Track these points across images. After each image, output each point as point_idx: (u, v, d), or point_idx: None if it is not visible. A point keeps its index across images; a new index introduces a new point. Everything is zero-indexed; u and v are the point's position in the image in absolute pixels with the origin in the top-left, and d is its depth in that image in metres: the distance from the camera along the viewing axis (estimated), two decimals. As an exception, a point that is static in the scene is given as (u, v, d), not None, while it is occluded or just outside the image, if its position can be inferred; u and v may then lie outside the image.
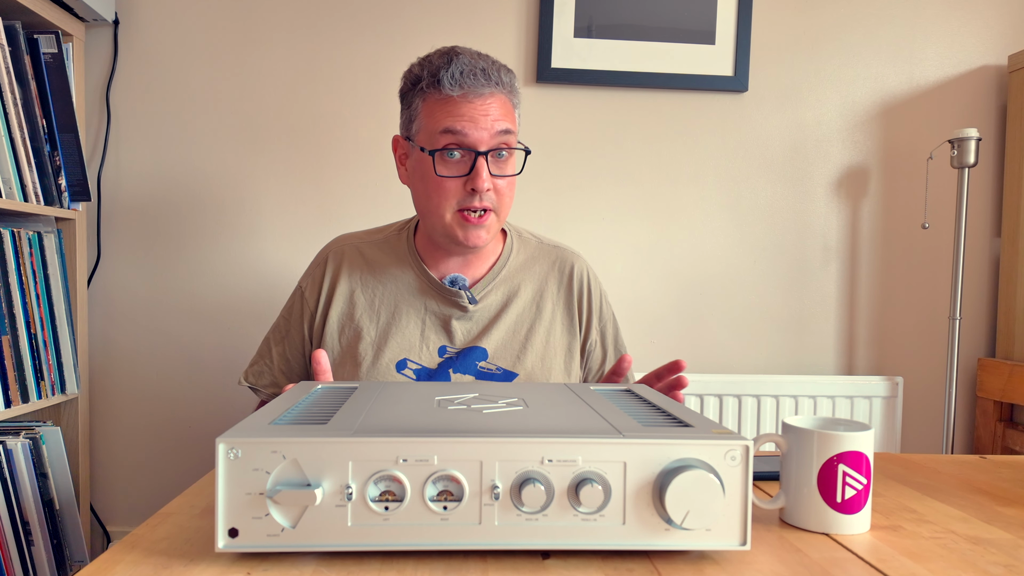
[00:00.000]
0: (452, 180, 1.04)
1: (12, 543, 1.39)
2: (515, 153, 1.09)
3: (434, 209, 1.07)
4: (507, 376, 1.11)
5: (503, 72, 1.06)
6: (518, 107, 1.11)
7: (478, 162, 1.03)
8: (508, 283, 1.16)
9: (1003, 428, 1.79)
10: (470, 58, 1.04)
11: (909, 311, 1.88)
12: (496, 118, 1.04)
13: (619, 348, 1.23)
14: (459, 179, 1.04)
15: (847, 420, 0.74)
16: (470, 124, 1.02)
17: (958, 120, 1.85)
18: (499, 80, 1.05)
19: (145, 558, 0.60)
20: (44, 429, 1.52)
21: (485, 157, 1.03)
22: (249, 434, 0.59)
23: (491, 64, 1.06)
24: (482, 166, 1.03)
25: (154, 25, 1.73)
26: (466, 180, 1.04)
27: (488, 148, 1.03)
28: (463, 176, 1.04)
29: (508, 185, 1.08)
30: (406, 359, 1.10)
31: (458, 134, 1.02)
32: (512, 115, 1.08)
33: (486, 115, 1.03)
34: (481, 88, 1.03)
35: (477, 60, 1.05)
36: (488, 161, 1.04)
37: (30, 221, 1.55)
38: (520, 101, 1.13)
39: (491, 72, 1.04)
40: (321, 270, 1.18)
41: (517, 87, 1.11)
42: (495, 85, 1.04)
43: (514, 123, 1.08)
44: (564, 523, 0.59)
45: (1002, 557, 0.65)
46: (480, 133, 1.03)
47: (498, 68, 1.06)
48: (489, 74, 1.04)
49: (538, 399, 0.79)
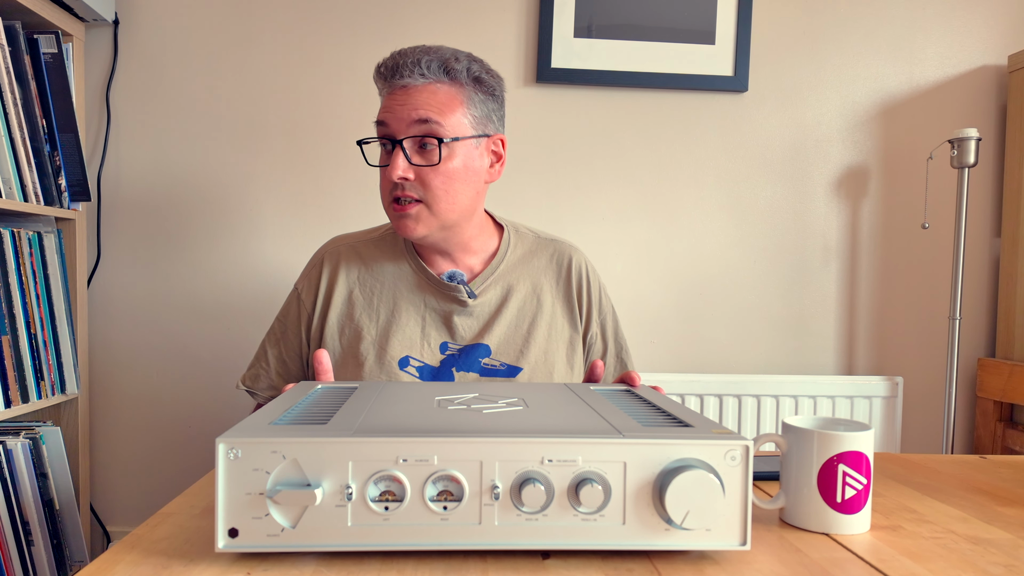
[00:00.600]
0: (383, 170, 1.07)
1: (12, 543, 1.39)
2: (452, 144, 1.04)
3: (382, 199, 1.09)
4: (511, 371, 1.11)
5: (437, 63, 1.04)
6: (474, 99, 1.07)
7: (395, 150, 1.04)
8: (506, 278, 1.16)
9: (1003, 428, 1.79)
10: (402, 52, 1.05)
11: (909, 311, 1.88)
12: (415, 107, 1.03)
13: (619, 340, 1.23)
14: (386, 169, 1.06)
15: (847, 420, 0.74)
16: (389, 114, 1.04)
17: (958, 120, 1.85)
18: (424, 71, 1.03)
19: (145, 558, 0.60)
20: (44, 429, 1.52)
21: (400, 145, 1.03)
22: (249, 434, 0.59)
23: (425, 55, 1.04)
24: (396, 154, 1.03)
25: (154, 25, 1.73)
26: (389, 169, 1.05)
27: (405, 136, 1.03)
28: (387, 166, 1.05)
29: (441, 177, 1.04)
30: (408, 356, 1.10)
31: (382, 124, 1.06)
32: (448, 105, 1.04)
33: (404, 104, 1.03)
34: (404, 79, 1.03)
35: (413, 54, 1.04)
36: (407, 150, 1.04)
37: (30, 221, 1.55)
38: (485, 94, 1.09)
39: (416, 63, 1.03)
40: (317, 271, 1.18)
41: (472, 78, 1.07)
42: (419, 76, 1.03)
43: (449, 113, 1.04)
44: (564, 523, 0.59)
45: (1002, 557, 0.65)
46: (397, 123, 1.03)
47: (433, 60, 1.03)
48: (413, 64, 1.03)
49: (538, 399, 0.79)
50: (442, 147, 1.03)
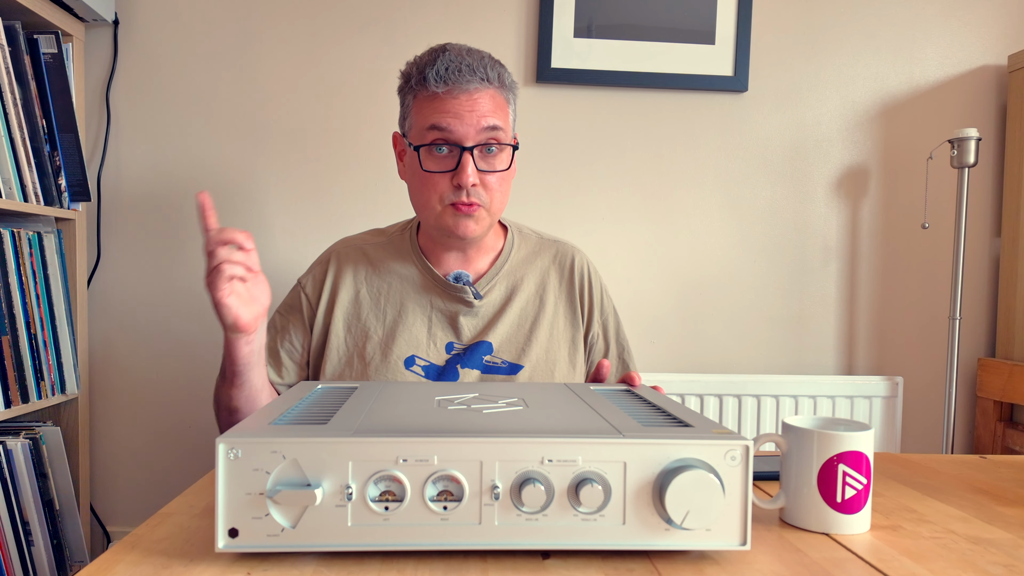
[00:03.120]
0: (439, 175, 1.05)
1: (12, 543, 1.39)
2: (505, 148, 1.08)
3: (424, 203, 1.08)
4: (513, 369, 1.12)
5: (491, 67, 1.06)
6: (512, 102, 1.11)
7: (463, 157, 1.03)
8: (510, 278, 1.17)
9: (1003, 428, 1.79)
10: (457, 54, 1.04)
11: (909, 311, 1.88)
12: (483, 114, 1.03)
13: (621, 340, 1.24)
14: (446, 174, 1.05)
15: (847, 420, 0.74)
16: (455, 120, 1.03)
17: (958, 120, 1.85)
18: (486, 75, 1.04)
19: (145, 558, 0.60)
20: (44, 429, 1.52)
21: (471, 152, 1.03)
22: (249, 434, 0.59)
23: (479, 59, 1.05)
24: (467, 161, 1.03)
25: (154, 25, 1.73)
26: (452, 175, 1.04)
27: (474, 143, 1.03)
28: (450, 171, 1.04)
29: (498, 180, 1.07)
30: (414, 356, 1.11)
31: (444, 130, 1.03)
32: (503, 110, 1.07)
33: (472, 111, 1.03)
34: (466, 84, 1.03)
35: (464, 56, 1.04)
36: (475, 156, 1.04)
37: (30, 221, 1.55)
38: (515, 96, 1.12)
39: (477, 67, 1.04)
40: (323, 269, 1.18)
41: (510, 82, 1.10)
42: (481, 80, 1.04)
43: (505, 118, 1.07)
44: (564, 523, 0.59)
45: (1002, 557, 0.65)
46: (465, 128, 1.03)
47: (486, 64, 1.05)
48: (475, 69, 1.03)
49: (538, 399, 0.79)
50: (514, 153, 1.07)
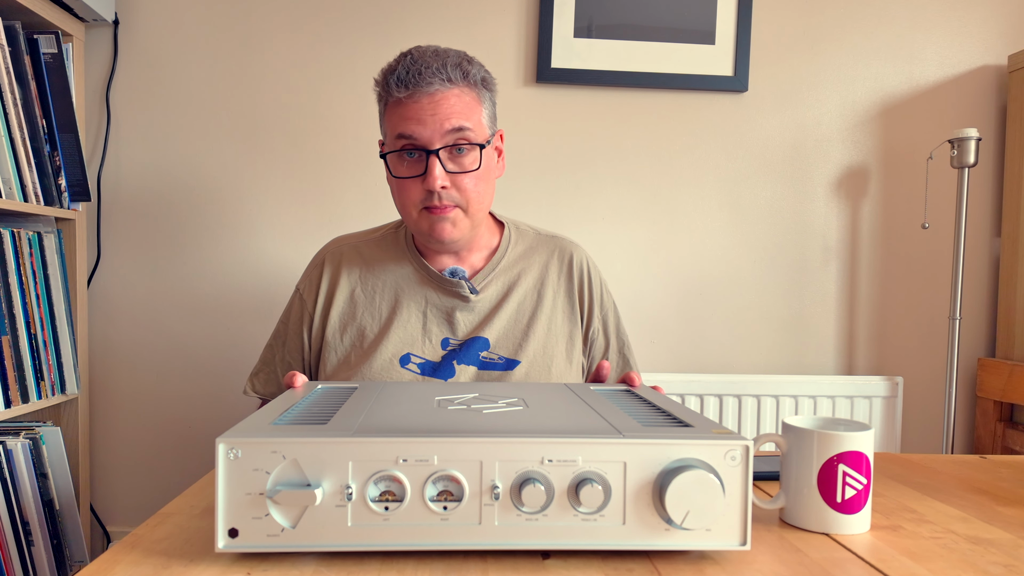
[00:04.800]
0: (410, 181, 1.04)
1: (12, 543, 1.39)
2: (475, 148, 1.05)
3: (402, 209, 1.08)
4: (510, 364, 1.11)
5: (454, 67, 1.03)
6: (486, 98, 1.08)
7: (430, 161, 1.02)
8: (508, 273, 1.16)
9: (1003, 428, 1.79)
10: (419, 57, 1.03)
11: (909, 311, 1.88)
12: (446, 115, 1.02)
13: (621, 336, 1.24)
14: (416, 179, 1.04)
15: (847, 420, 0.74)
16: (418, 125, 1.02)
17: (958, 120, 1.85)
18: (447, 76, 1.02)
19: (145, 558, 0.60)
20: (44, 429, 1.52)
21: (437, 155, 1.02)
22: (249, 434, 0.59)
23: (442, 60, 1.03)
24: (434, 165, 1.02)
25: (154, 25, 1.73)
26: (422, 180, 1.03)
27: (441, 145, 1.02)
28: (419, 176, 1.04)
29: (474, 180, 1.05)
30: (409, 353, 1.11)
31: (409, 136, 1.02)
32: (472, 108, 1.05)
33: (434, 113, 1.01)
34: (427, 86, 1.01)
35: (426, 58, 1.02)
36: (442, 159, 1.03)
37: (30, 221, 1.55)
38: (490, 91, 1.09)
39: (438, 68, 1.02)
40: (318, 271, 1.18)
41: (481, 78, 1.07)
42: (443, 81, 1.02)
43: (474, 116, 1.04)
44: (564, 523, 0.59)
45: (1002, 557, 0.65)
46: (430, 132, 1.02)
47: (448, 64, 1.03)
48: (436, 70, 1.01)
49: (538, 399, 0.79)
50: (482, 152, 1.05)
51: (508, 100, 1.78)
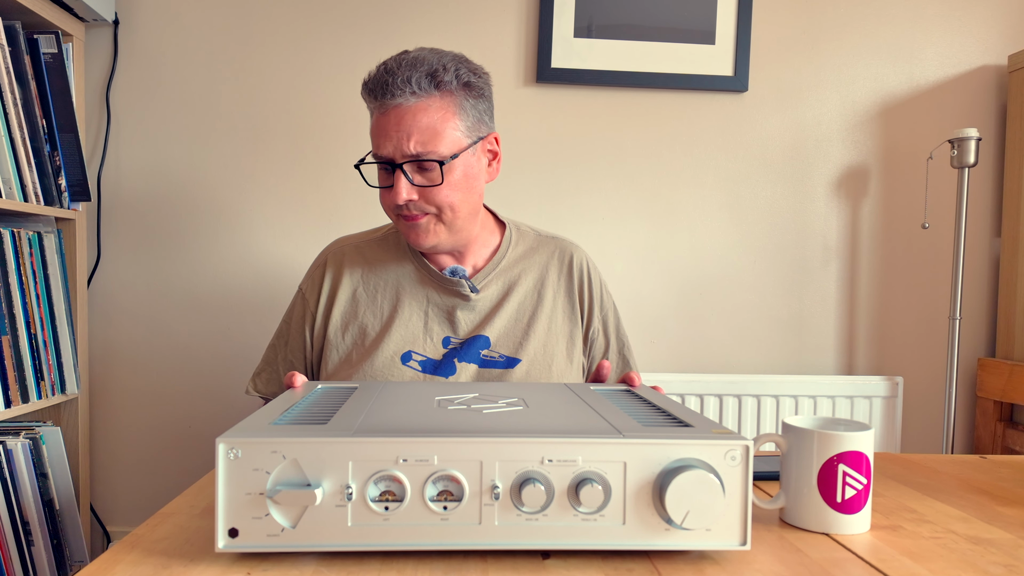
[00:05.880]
0: (384, 190, 1.06)
1: (12, 543, 1.39)
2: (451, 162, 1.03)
3: (387, 215, 1.10)
4: (510, 363, 1.12)
5: (426, 77, 1.00)
6: (462, 105, 1.04)
7: (396, 174, 1.03)
8: (508, 273, 1.17)
9: (1003, 428, 1.79)
10: (391, 68, 1.01)
11: (909, 311, 1.88)
12: (407, 133, 1.00)
13: (621, 336, 1.24)
14: (388, 189, 1.05)
15: (847, 420, 0.74)
16: (384, 139, 1.02)
17: (958, 120, 1.85)
18: (415, 88, 1.00)
19: (145, 558, 0.60)
20: (44, 429, 1.52)
21: (402, 169, 1.02)
22: (249, 434, 0.59)
23: (412, 69, 1.00)
24: (397, 178, 1.02)
25: (154, 25, 1.73)
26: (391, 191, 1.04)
27: (403, 161, 1.02)
28: (389, 187, 1.04)
29: (441, 191, 1.03)
30: (411, 351, 1.11)
31: (378, 153, 1.04)
32: (440, 120, 1.02)
33: (397, 129, 1.01)
34: (391, 99, 1.00)
35: (397, 69, 1.00)
36: (408, 171, 1.02)
37: (30, 221, 1.55)
38: (471, 94, 1.05)
39: (405, 81, 0.99)
40: (321, 272, 1.19)
41: (459, 84, 1.03)
42: (410, 94, 1.00)
43: (440, 129, 1.01)
44: (564, 523, 0.59)
45: (1002, 557, 0.65)
46: (392, 148, 1.01)
47: (419, 74, 1.00)
48: (403, 83, 0.99)
49: (538, 399, 0.79)
50: (443, 168, 1.02)
51: (508, 100, 1.78)
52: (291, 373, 0.87)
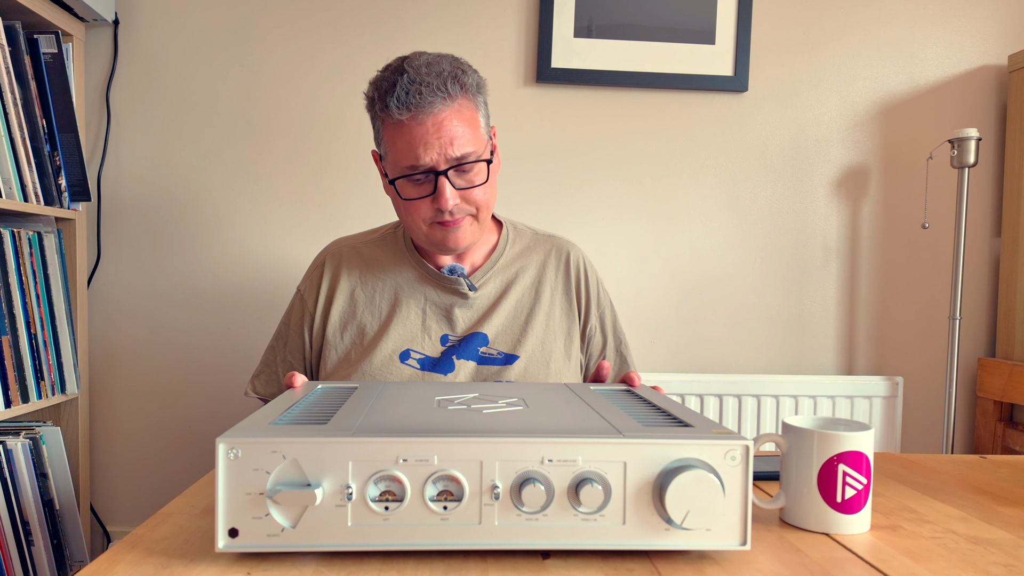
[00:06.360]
0: (420, 201, 1.05)
1: (12, 543, 1.39)
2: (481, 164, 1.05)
3: (410, 226, 1.09)
4: (508, 359, 1.12)
5: (451, 80, 1.01)
6: (481, 105, 1.07)
7: (439, 182, 1.02)
8: (506, 271, 1.17)
9: (1003, 428, 1.79)
10: (415, 74, 1.00)
11: (909, 311, 1.88)
12: (450, 139, 1.00)
13: (618, 334, 1.25)
14: (426, 199, 1.04)
15: (847, 420, 0.74)
16: (424, 150, 1.00)
17: (958, 120, 1.85)
18: (447, 92, 1.00)
19: (145, 558, 0.60)
20: (44, 429, 1.52)
21: (446, 175, 1.02)
22: (249, 434, 0.59)
23: (438, 74, 1.01)
24: (443, 186, 1.02)
25: (154, 25, 1.73)
26: (432, 198, 1.03)
27: (448, 167, 1.02)
28: (429, 196, 1.04)
29: (482, 189, 1.06)
30: (409, 349, 1.12)
31: (417, 164, 1.01)
32: (472, 122, 1.04)
33: (439, 137, 1.00)
34: (428, 107, 0.99)
35: (422, 75, 1.00)
36: (451, 177, 1.02)
37: (30, 221, 1.55)
38: (483, 94, 1.08)
39: (438, 86, 1.00)
40: (319, 272, 1.19)
41: (475, 83, 1.06)
42: (444, 99, 1.00)
43: (475, 130, 1.04)
44: (564, 523, 0.59)
45: (1002, 557, 0.65)
46: (436, 156, 1.01)
47: (446, 77, 1.01)
48: (436, 88, 1.00)
49: (538, 399, 0.79)
50: (489, 167, 1.06)
51: (508, 100, 1.78)
52: (291, 373, 0.88)
